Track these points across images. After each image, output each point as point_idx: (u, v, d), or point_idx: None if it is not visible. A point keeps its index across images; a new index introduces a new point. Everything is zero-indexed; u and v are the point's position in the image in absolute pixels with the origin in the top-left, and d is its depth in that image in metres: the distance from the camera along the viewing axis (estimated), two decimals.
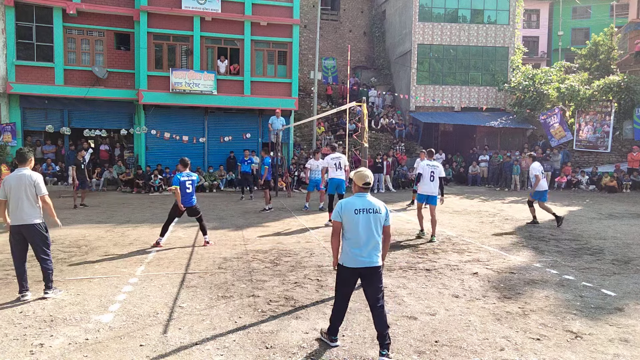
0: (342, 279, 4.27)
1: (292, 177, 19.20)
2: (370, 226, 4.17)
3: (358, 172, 4.34)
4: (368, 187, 4.27)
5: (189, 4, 18.99)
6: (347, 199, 4.30)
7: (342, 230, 4.27)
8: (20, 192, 5.44)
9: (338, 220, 4.24)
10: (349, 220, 4.18)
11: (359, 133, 6.62)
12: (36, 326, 4.73)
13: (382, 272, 4.29)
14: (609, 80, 21.81)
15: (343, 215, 4.21)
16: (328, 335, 4.39)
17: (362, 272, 4.19)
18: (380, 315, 4.16)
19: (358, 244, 4.15)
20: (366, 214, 4.18)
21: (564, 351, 4.30)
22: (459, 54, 25.25)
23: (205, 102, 19.51)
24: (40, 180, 5.58)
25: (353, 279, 4.25)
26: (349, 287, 4.29)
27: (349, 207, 4.20)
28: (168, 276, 6.57)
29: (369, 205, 4.22)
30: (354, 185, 4.36)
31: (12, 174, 5.60)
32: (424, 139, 24.55)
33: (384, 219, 4.26)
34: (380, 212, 4.23)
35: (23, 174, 5.52)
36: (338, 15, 30.07)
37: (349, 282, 4.26)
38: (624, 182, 19.43)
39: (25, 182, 5.46)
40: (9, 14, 17.52)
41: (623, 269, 7.18)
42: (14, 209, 5.48)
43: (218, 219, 11.54)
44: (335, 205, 4.36)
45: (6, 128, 17.76)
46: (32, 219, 5.48)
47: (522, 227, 10.85)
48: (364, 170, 4.35)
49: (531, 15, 41.81)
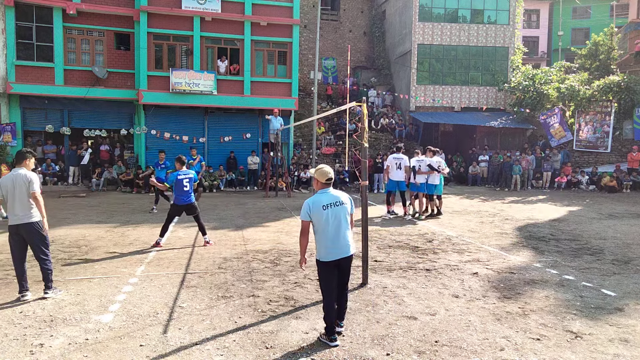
0: (324, 274, 4.47)
1: (292, 177, 19.20)
2: (339, 218, 4.44)
3: (320, 169, 4.55)
4: (330, 182, 4.52)
5: (189, 4, 18.99)
6: (313, 197, 4.48)
7: (313, 228, 4.48)
8: (15, 192, 5.46)
9: (307, 220, 4.43)
10: (319, 217, 4.39)
11: (359, 133, 6.61)
12: (36, 326, 4.73)
13: (352, 259, 4.63)
14: (609, 80, 21.80)
15: (312, 214, 4.40)
16: (327, 336, 4.43)
17: (341, 262, 4.46)
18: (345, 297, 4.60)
19: (331, 237, 4.40)
20: (333, 207, 4.43)
21: (564, 351, 4.30)
22: (459, 54, 25.24)
23: (205, 102, 19.51)
24: (35, 178, 5.57)
25: (334, 272, 4.47)
26: (333, 281, 4.48)
27: (316, 205, 4.40)
28: (168, 276, 6.57)
29: (335, 199, 4.47)
30: (317, 182, 4.55)
31: (9, 174, 5.62)
32: (424, 139, 24.54)
33: (350, 209, 4.56)
34: (345, 203, 4.52)
35: (18, 173, 5.54)
36: (338, 15, 30.07)
37: (331, 275, 4.46)
38: (624, 182, 19.43)
39: (20, 182, 5.48)
40: (9, 14, 17.52)
41: (623, 269, 7.18)
42: (10, 209, 5.50)
43: (218, 219, 11.53)
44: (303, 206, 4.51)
45: (6, 128, 17.75)
46: (28, 218, 5.48)
47: (522, 227, 10.85)
48: (324, 167, 4.59)
49: (531, 15, 41.80)
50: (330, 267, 4.43)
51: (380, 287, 6.13)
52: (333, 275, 4.47)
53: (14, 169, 5.67)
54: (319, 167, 4.60)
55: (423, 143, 24.09)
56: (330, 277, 4.45)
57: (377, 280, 6.43)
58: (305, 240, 4.50)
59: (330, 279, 4.46)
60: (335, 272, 4.48)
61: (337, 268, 4.47)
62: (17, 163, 5.69)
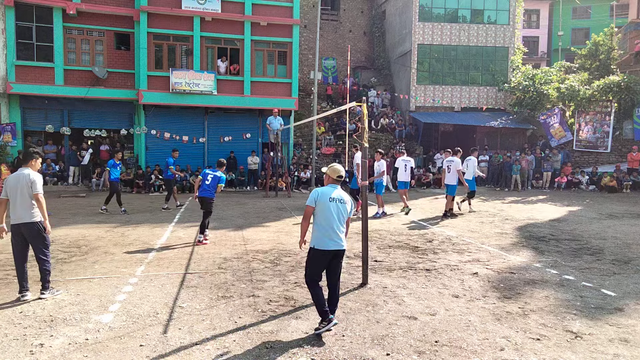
0: (314, 261, 4.65)
1: (292, 177, 19.19)
2: (339, 214, 4.69)
3: (332, 167, 4.87)
4: (341, 179, 4.82)
5: (189, 4, 18.99)
6: (323, 188, 4.79)
7: (314, 216, 4.70)
8: (18, 191, 5.47)
9: (312, 206, 4.67)
10: (324, 207, 4.63)
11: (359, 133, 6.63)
12: (36, 326, 4.73)
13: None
14: (609, 80, 21.79)
15: (318, 201, 4.65)
16: (323, 322, 4.53)
17: (335, 254, 4.66)
18: (336, 292, 4.75)
19: (330, 228, 4.61)
20: (337, 202, 4.70)
21: (564, 351, 4.30)
22: (459, 54, 25.23)
23: (205, 102, 19.51)
24: (38, 179, 5.56)
25: (325, 261, 4.65)
26: (321, 269, 4.67)
27: (325, 195, 4.68)
28: (168, 276, 6.57)
29: (340, 196, 4.74)
30: (328, 178, 4.85)
31: (13, 174, 5.63)
32: (424, 139, 24.55)
33: (349, 211, 4.81)
34: (347, 203, 4.78)
35: (22, 173, 5.54)
36: (338, 15, 30.06)
37: (321, 263, 4.66)
38: (624, 182, 19.43)
39: (23, 182, 5.48)
40: (9, 14, 17.52)
41: (623, 269, 7.18)
42: (13, 208, 5.52)
43: (218, 219, 11.53)
44: (311, 192, 4.79)
45: (6, 128, 17.75)
46: (30, 217, 5.48)
47: (522, 227, 10.85)
48: (337, 165, 4.90)
49: (531, 15, 41.79)
50: (324, 256, 4.61)
51: (380, 287, 6.13)
52: (323, 265, 4.66)
53: (20, 168, 5.68)
54: (332, 165, 4.90)
55: (423, 143, 24.15)
56: (319, 266, 4.65)
57: (377, 280, 6.42)
58: (307, 223, 4.77)
59: (319, 267, 4.65)
60: (326, 263, 4.65)
61: (330, 260, 4.65)
62: (23, 162, 5.70)
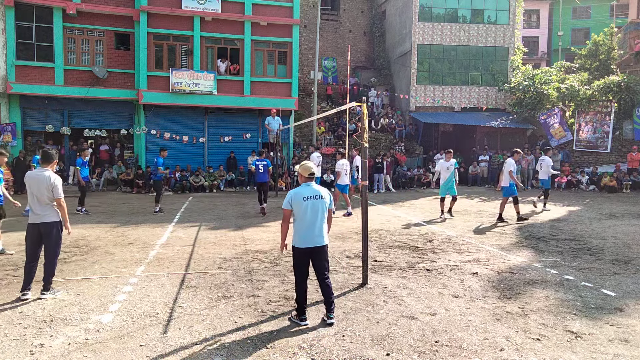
0: (297, 259, 4.88)
1: (291, 177, 19.19)
2: (316, 211, 4.83)
3: (303, 165, 4.99)
4: (312, 177, 4.95)
5: (189, 4, 18.99)
6: (296, 189, 4.92)
7: (293, 217, 4.88)
8: (39, 192, 5.52)
9: (288, 209, 4.87)
10: (299, 207, 4.80)
11: (359, 133, 6.62)
12: (36, 326, 4.73)
13: (327, 250, 4.98)
14: (609, 80, 21.78)
15: (293, 203, 4.82)
16: (298, 316, 4.84)
17: (314, 251, 4.84)
18: (327, 286, 4.88)
19: (307, 226, 4.80)
20: (313, 200, 4.83)
21: (564, 351, 4.30)
22: (459, 54, 25.22)
23: (205, 102, 19.51)
24: (59, 183, 5.65)
25: (306, 258, 4.87)
26: (305, 266, 4.88)
27: (298, 196, 4.82)
28: (168, 276, 6.57)
29: (315, 192, 4.87)
30: (300, 177, 4.98)
31: (34, 172, 5.67)
32: (424, 139, 24.54)
33: (328, 204, 4.94)
34: (324, 198, 4.91)
35: (44, 175, 5.59)
36: (338, 15, 30.06)
37: (303, 261, 4.87)
38: (624, 182, 19.42)
39: (44, 184, 5.53)
40: (9, 14, 17.52)
41: (623, 269, 7.18)
42: (33, 208, 5.58)
43: (218, 219, 11.53)
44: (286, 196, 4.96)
45: (6, 128, 17.75)
46: (50, 218, 5.58)
47: (522, 227, 10.85)
48: (307, 162, 5.05)
49: (531, 15, 41.80)
50: (304, 254, 4.83)
51: (380, 287, 6.13)
52: (306, 261, 4.87)
53: (39, 168, 5.73)
54: (303, 163, 5.03)
55: (423, 143, 24.14)
56: (302, 263, 4.87)
57: (377, 280, 6.42)
58: (286, 226, 5.02)
59: (302, 264, 4.87)
60: (308, 259, 4.87)
61: (311, 256, 4.85)
62: (44, 163, 5.73)
